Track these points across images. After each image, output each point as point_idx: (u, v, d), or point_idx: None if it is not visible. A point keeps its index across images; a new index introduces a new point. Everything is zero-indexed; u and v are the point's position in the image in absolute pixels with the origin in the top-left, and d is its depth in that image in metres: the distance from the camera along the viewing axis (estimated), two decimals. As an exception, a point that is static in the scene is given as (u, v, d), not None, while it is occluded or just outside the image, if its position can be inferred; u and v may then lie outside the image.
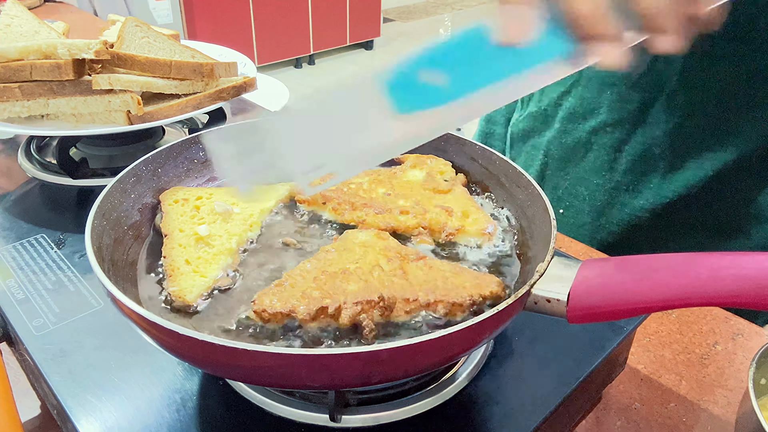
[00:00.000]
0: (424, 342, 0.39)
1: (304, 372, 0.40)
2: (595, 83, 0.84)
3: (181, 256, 0.53)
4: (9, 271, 0.64)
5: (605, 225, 0.87)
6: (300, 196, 0.64)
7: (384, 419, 0.49)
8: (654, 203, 0.83)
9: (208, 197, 0.60)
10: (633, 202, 0.85)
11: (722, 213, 0.82)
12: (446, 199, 0.63)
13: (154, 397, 0.50)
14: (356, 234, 0.56)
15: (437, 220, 0.60)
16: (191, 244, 0.54)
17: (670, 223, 0.84)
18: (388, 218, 0.60)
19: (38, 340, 0.56)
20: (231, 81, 0.89)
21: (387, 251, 0.54)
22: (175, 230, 0.55)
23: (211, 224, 0.57)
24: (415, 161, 0.69)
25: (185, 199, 0.59)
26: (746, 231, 0.82)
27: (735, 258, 0.41)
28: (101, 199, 0.53)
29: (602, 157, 0.86)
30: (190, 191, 0.61)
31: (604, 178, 0.86)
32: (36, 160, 0.87)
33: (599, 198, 0.87)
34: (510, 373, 0.53)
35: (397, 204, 0.62)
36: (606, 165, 0.86)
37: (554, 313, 0.45)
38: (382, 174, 0.67)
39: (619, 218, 0.86)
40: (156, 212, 0.61)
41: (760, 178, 0.79)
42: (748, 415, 0.49)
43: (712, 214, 0.82)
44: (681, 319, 0.70)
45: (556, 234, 0.50)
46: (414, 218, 0.60)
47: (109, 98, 0.80)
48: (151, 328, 0.41)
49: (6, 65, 0.78)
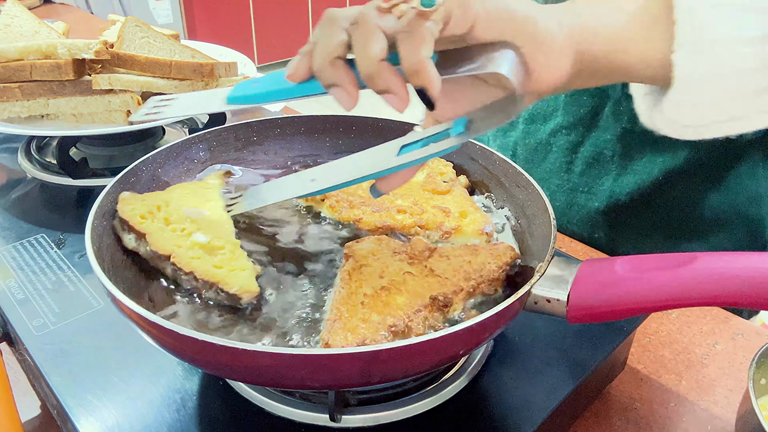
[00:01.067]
0: (424, 342, 0.39)
1: (304, 372, 0.40)
2: None
3: (206, 265, 0.52)
4: (9, 271, 0.64)
5: (567, 225, 0.89)
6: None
7: (384, 419, 0.49)
8: (608, 205, 0.84)
9: (166, 205, 0.58)
10: (588, 204, 0.86)
11: (678, 215, 0.82)
12: (445, 200, 0.63)
13: (154, 397, 0.50)
14: (360, 246, 0.55)
15: (434, 220, 0.60)
16: (202, 254, 0.53)
17: (628, 224, 0.85)
18: (384, 217, 0.60)
19: (38, 340, 0.56)
20: (231, 81, 0.89)
21: (398, 254, 0.54)
22: (175, 247, 0.53)
23: (199, 230, 0.55)
24: None
25: (150, 212, 0.56)
26: (703, 234, 0.83)
27: (734, 258, 0.41)
28: (101, 199, 0.53)
29: (560, 158, 0.87)
30: (143, 201, 0.58)
31: (562, 179, 0.88)
32: (36, 160, 0.87)
33: (559, 199, 0.88)
34: (510, 373, 0.53)
35: (395, 203, 0.62)
36: (563, 166, 0.87)
37: (554, 313, 0.46)
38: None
39: (578, 219, 0.87)
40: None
41: (710, 180, 0.79)
42: (748, 415, 0.49)
43: (667, 216, 0.83)
44: (681, 319, 0.70)
45: (556, 234, 0.50)
46: (410, 217, 0.60)
47: (109, 98, 0.80)
48: (151, 328, 0.41)
49: (6, 65, 0.78)
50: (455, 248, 0.55)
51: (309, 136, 0.74)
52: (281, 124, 0.72)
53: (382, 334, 0.45)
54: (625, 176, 0.82)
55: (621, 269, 0.44)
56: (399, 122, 0.72)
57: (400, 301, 0.48)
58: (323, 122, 0.74)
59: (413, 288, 0.50)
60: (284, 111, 1.00)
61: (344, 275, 0.52)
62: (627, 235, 0.86)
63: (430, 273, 0.52)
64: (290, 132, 0.73)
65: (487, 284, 0.51)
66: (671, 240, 0.84)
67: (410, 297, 0.49)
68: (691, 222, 0.82)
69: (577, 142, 0.85)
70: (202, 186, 0.63)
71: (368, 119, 0.74)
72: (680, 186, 0.80)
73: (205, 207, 0.59)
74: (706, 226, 0.82)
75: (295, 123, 0.73)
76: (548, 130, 0.87)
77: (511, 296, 0.43)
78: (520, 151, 0.92)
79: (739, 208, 0.80)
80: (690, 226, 0.83)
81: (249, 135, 0.71)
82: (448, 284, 0.50)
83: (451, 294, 0.49)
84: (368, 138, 0.73)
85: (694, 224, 0.82)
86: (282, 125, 0.72)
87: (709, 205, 0.81)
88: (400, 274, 0.51)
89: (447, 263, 0.53)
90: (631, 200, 0.83)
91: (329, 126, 0.74)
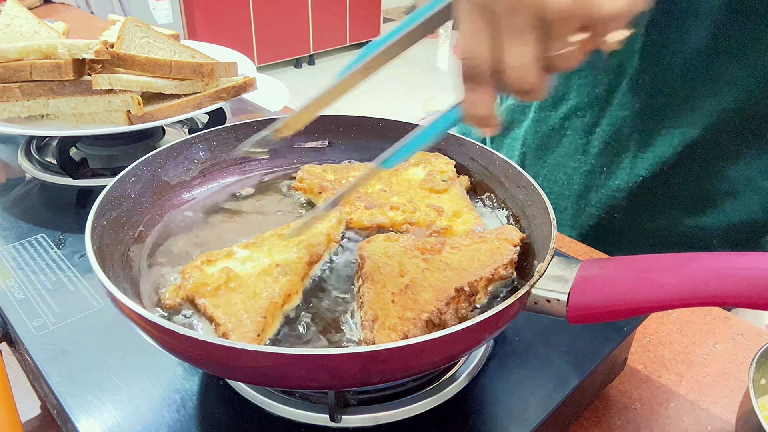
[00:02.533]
0: (424, 342, 0.39)
1: (304, 372, 0.40)
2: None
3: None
4: (9, 271, 0.64)
5: (585, 208, 0.89)
6: (297, 183, 0.66)
7: (384, 419, 0.49)
8: (628, 182, 0.85)
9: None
10: (608, 183, 0.87)
11: (694, 188, 0.84)
12: (441, 199, 0.64)
13: (154, 397, 0.50)
14: (372, 247, 0.55)
15: (425, 218, 0.60)
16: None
17: (646, 201, 0.86)
18: (376, 213, 0.60)
19: (38, 340, 0.56)
20: (231, 81, 0.89)
21: (411, 252, 0.55)
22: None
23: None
24: (420, 158, 0.69)
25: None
26: (720, 206, 0.84)
27: (735, 258, 0.41)
28: (101, 199, 0.53)
29: (576, 141, 0.88)
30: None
31: (579, 161, 0.89)
32: (36, 160, 0.87)
33: (576, 182, 0.89)
34: (510, 373, 0.53)
35: (390, 200, 0.62)
36: (580, 149, 0.88)
37: (554, 313, 0.45)
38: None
39: (597, 200, 0.88)
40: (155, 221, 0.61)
41: (728, 151, 0.81)
42: (748, 415, 0.49)
43: (686, 190, 0.84)
44: (681, 319, 0.70)
45: (556, 234, 0.50)
46: (402, 215, 0.60)
47: (109, 98, 0.80)
48: (151, 328, 0.41)
49: (6, 65, 0.78)
50: (463, 238, 0.56)
51: (309, 136, 0.74)
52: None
53: (421, 329, 0.47)
54: (645, 152, 0.83)
55: (621, 269, 0.44)
56: (399, 122, 0.72)
57: (426, 296, 0.49)
58: (323, 122, 0.74)
59: (435, 283, 0.51)
60: (284, 111, 1.00)
61: (366, 276, 0.52)
62: (646, 211, 0.87)
63: (446, 267, 0.53)
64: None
65: (503, 267, 0.53)
66: (689, 214, 0.85)
67: (435, 292, 0.50)
68: (709, 194, 0.83)
69: (593, 122, 0.86)
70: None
71: (368, 119, 0.74)
72: (700, 158, 0.81)
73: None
74: (724, 198, 0.83)
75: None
76: (561, 115, 0.88)
77: (511, 296, 0.43)
78: (531, 140, 0.93)
79: (752, 178, 0.81)
80: (708, 199, 0.84)
81: (249, 135, 0.71)
82: (467, 275, 0.51)
83: (474, 282, 0.51)
84: (368, 138, 0.73)
85: (713, 196, 0.83)
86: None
87: (726, 177, 0.82)
88: (419, 271, 0.52)
89: (460, 255, 0.54)
90: (651, 176, 0.83)
91: (329, 126, 0.74)
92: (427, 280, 0.51)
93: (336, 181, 0.66)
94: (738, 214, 0.84)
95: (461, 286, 0.50)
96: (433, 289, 0.50)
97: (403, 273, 0.52)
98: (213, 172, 0.69)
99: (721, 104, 0.77)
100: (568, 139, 0.89)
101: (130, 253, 0.56)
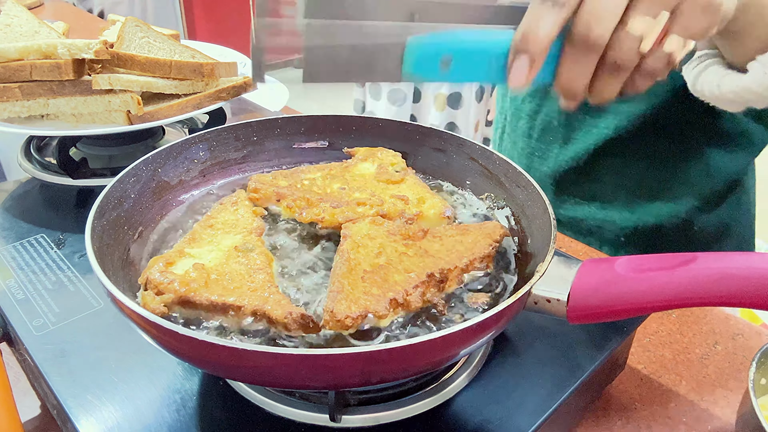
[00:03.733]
0: (424, 342, 0.39)
1: (304, 372, 0.40)
2: None
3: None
4: (9, 271, 0.64)
5: None
6: (252, 195, 0.64)
7: (384, 419, 0.49)
8: (555, 170, 0.95)
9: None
10: (541, 168, 0.96)
11: (608, 185, 0.92)
12: (400, 189, 0.65)
13: (154, 397, 0.50)
14: (356, 228, 0.57)
15: (395, 208, 0.61)
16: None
17: (567, 191, 0.95)
18: (346, 211, 0.60)
19: (38, 340, 0.56)
20: (231, 81, 0.89)
21: (393, 236, 0.56)
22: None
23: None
24: (366, 154, 0.70)
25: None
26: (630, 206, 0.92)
27: (734, 258, 0.41)
28: (101, 199, 0.53)
29: (525, 124, 0.98)
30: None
31: (525, 143, 0.98)
32: (36, 160, 0.87)
33: (520, 162, 0.98)
34: (510, 373, 0.53)
35: (353, 197, 0.63)
36: (526, 132, 0.98)
37: (554, 313, 0.46)
38: (334, 168, 0.68)
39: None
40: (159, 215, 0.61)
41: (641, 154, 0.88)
42: (748, 415, 0.49)
43: (599, 186, 0.93)
44: (681, 319, 0.70)
45: (556, 234, 0.50)
46: (371, 209, 0.61)
47: (109, 98, 0.80)
48: (151, 328, 0.41)
49: (6, 65, 0.78)
50: (447, 228, 0.58)
51: (309, 136, 0.74)
52: (281, 124, 0.72)
53: (383, 305, 0.48)
54: (569, 145, 0.92)
55: (621, 269, 0.44)
56: (399, 122, 0.72)
57: (397, 278, 0.51)
58: (323, 122, 0.74)
59: (409, 267, 0.52)
60: (284, 111, 1.00)
61: (343, 253, 0.53)
62: (568, 201, 0.95)
63: (425, 253, 0.54)
64: (290, 132, 0.73)
65: (479, 260, 0.54)
66: (601, 209, 0.93)
67: (407, 275, 0.51)
68: (618, 192, 0.92)
69: (536, 110, 0.95)
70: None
71: (368, 119, 0.74)
72: (611, 158, 0.89)
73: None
74: (630, 199, 0.91)
75: (295, 123, 0.73)
76: (521, 97, 0.97)
77: (511, 296, 0.43)
78: (509, 118, 1.02)
79: (664, 182, 0.89)
80: (617, 196, 0.92)
81: (249, 135, 0.71)
82: (442, 263, 0.53)
83: (446, 270, 0.52)
84: (368, 138, 0.73)
85: (621, 195, 0.92)
86: (282, 125, 0.72)
87: (635, 179, 0.90)
88: (396, 254, 0.54)
89: (440, 243, 0.56)
90: (571, 168, 0.92)
91: (329, 126, 0.74)
92: (402, 263, 0.52)
93: (291, 186, 0.64)
94: (647, 217, 0.91)
95: (432, 272, 0.51)
96: (406, 272, 0.51)
97: (381, 254, 0.53)
98: (213, 172, 0.69)
99: (636, 109, 0.84)
100: (522, 120, 0.98)
101: (130, 253, 0.56)
